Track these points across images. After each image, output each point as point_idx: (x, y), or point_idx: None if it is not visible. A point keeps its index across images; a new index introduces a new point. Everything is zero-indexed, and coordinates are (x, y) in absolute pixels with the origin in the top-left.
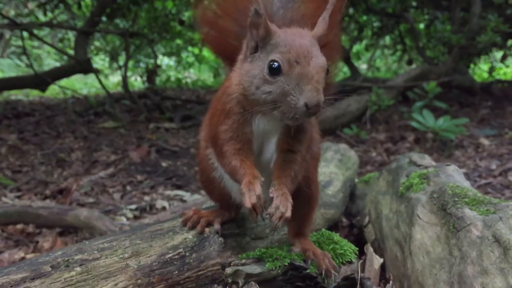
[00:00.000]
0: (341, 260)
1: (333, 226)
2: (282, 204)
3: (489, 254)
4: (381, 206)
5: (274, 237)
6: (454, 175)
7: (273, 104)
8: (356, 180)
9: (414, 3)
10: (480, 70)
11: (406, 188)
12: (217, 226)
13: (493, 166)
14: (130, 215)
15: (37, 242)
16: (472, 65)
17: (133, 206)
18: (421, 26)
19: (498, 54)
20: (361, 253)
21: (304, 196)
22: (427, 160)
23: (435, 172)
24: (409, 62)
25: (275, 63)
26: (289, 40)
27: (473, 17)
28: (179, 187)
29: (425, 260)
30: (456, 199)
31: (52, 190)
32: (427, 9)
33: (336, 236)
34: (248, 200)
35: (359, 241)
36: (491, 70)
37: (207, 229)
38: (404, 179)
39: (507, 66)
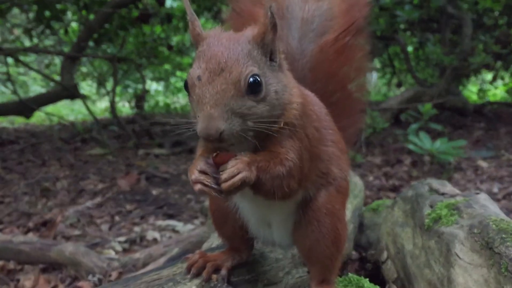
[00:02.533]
0: None
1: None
2: (236, 167)
3: None
4: (401, 239)
5: (288, 281)
6: (488, 205)
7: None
8: (363, 208)
9: (402, 26)
10: (469, 92)
11: (434, 221)
12: (223, 272)
13: (495, 190)
14: (119, 248)
15: (18, 280)
16: (461, 87)
17: (122, 238)
18: (410, 48)
19: (488, 76)
20: None
21: (329, 237)
22: (449, 187)
23: (466, 202)
24: (398, 85)
25: (185, 81)
26: (205, 50)
27: (464, 38)
28: (170, 216)
29: None
30: (503, 235)
31: (35, 222)
32: (416, 31)
33: (367, 283)
34: None
35: (374, 278)
36: (481, 91)
37: (214, 276)
38: (427, 209)
39: (496, 88)
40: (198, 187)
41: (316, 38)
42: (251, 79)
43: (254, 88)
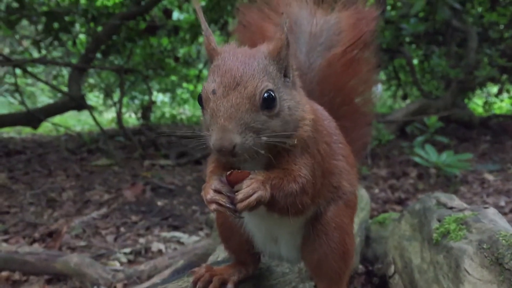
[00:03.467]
0: None
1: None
2: (251, 187)
3: None
4: (408, 254)
5: None
6: (497, 220)
7: None
8: (369, 221)
9: (408, 39)
10: (474, 105)
11: (442, 235)
12: (230, 286)
13: (502, 203)
14: (124, 259)
15: None
16: (466, 100)
17: (127, 250)
18: (415, 61)
19: (493, 89)
20: None
21: (337, 251)
22: (457, 201)
23: (474, 216)
24: (404, 97)
25: (199, 95)
26: (220, 64)
27: (470, 51)
28: (176, 228)
29: None
30: None
31: (41, 233)
32: (422, 44)
33: None
34: None
35: None
36: (486, 104)
37: None
38: (435, 223)
39: (502, 101)
40: (213, 206)
41: (324, 52)
42: (265, 94)
43: (268, 103)
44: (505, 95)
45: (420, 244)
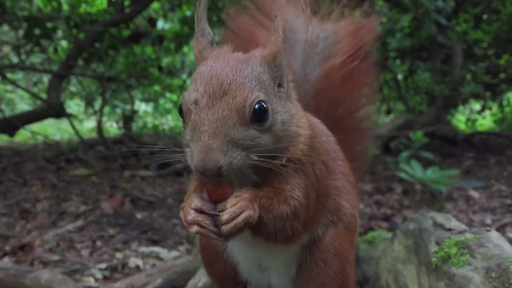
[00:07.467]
0: None
1: None
2: (238, 205)
3: None
4: (404, 278)
5: None
6: (502, 245)
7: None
8: (358, 239)
9: (393, 54)
10: (457, 121)
11: (442, 260)
12: None
13: (488, 221)
14: (99, 275)
15: None
16: (449, 116)
17: (103, 265)
18: (399, 76)
19: (476, 106)
20: None
21: (336, 280)
22: (454, 222)
23: (477, 240)
24: (388, 112)
25: (180, 105)
26: (203, 71)
27: (455, 67)
28: (155, 242)
29: None
30: None
31: (12, 246)
32: (407, 59)
33: None
34: None
35: None
36: (470, 121)
37: None
38: (433, 246)
39: (484, 118)
40: (194, 229)
41: (321, 62)
42: (256, 106)
43: (259, 116)
44: (487, 112)
45: (417, 268)
